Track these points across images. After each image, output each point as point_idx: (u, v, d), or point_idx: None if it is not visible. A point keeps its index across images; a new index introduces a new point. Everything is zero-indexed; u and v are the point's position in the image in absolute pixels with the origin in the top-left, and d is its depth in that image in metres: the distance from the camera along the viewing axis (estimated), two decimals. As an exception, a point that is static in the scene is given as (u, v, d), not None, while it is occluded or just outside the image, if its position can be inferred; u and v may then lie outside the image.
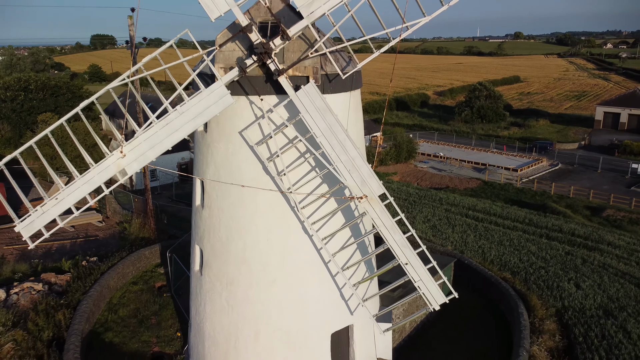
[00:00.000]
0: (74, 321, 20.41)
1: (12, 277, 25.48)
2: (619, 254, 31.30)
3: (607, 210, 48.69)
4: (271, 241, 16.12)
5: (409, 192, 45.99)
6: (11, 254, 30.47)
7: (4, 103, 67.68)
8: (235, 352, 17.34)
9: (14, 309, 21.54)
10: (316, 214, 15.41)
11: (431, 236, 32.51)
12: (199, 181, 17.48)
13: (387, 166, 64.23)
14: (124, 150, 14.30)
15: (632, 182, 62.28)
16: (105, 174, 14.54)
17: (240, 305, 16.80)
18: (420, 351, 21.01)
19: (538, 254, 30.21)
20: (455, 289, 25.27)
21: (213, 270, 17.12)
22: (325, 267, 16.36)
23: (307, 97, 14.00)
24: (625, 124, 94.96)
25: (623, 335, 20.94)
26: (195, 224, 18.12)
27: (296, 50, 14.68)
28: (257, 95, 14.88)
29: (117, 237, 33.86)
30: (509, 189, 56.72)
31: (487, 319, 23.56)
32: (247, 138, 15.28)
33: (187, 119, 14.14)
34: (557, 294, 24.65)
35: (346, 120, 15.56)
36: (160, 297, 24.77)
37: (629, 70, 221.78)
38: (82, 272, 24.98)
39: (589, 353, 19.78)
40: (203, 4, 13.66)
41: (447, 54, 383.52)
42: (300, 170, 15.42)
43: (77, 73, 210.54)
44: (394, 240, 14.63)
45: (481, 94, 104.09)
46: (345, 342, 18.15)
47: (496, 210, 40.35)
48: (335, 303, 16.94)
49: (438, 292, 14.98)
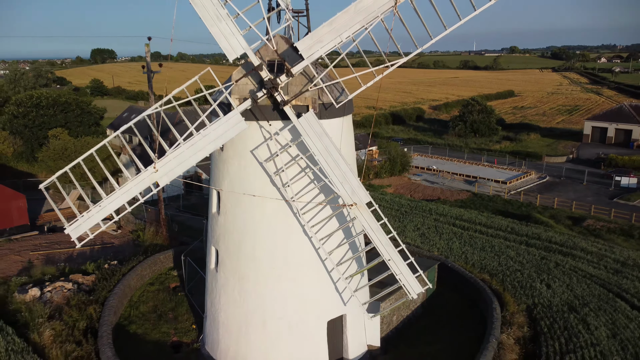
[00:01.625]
0: (103, 314, 23.42)
1: (42, 278, 28.46)
2: (589, 258, 34.35)
3: (588, 220, 51.77)
4: (276, 242, 19.23)
5: (401, 204, 49.07)
6: (37, 259, 33.46)
7: (16, 119, 70.86)
8: (245, 338, 20.35)
9: (48, 305, 24.53)
10: (315, 219, 18.55)
11: (419, 243, 35.57)
12: (215, 191, 20.59)
13: (382, 179, 67.40)
14: (157, 166, 17.40)
15: (615, 193, 65.38)
16: (140, 186, 17.61)
17: (250, 297, 19.85)
18: (407, 341, 23.98)
19: (516, 258, 33.27)
20: (439, 288, 28.66)
21: (227, 268, 20.19)
22: (322, 263, 19.44)
23: (307, 123, 17.20)
24: (612, 138, 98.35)
25: (582, 327, 23.96)
26: (212, 228, 21.18)
27: (298, 84, 17.90)
28: (265, 120, 18.06)
29: (132, 244, 36.87)
30: (497, 201, 59.82)
31: (467, 315, 26.52)
32: (257, 156, 18.44)
33: (209, 140, 17.29)
34: (529, 293, 27.68)
35: (339, 141, 18.73)
36: (175, 296, 27.74)
37: (621, 85, 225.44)
38: (106, 274, 28.02)
39: (551, 341, 22.80)
40: (223, 48, 16.91)
41: (444, 68, 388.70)
42: (301, 182, 18.57)
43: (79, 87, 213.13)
44: (379, 240, 17.75)
45: (474, 109, 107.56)
46: (339, 330, 21.17)
47: (481, 220, 43.43)
48: (331, 295, 20.01)
49: (416, 283, 18.04)
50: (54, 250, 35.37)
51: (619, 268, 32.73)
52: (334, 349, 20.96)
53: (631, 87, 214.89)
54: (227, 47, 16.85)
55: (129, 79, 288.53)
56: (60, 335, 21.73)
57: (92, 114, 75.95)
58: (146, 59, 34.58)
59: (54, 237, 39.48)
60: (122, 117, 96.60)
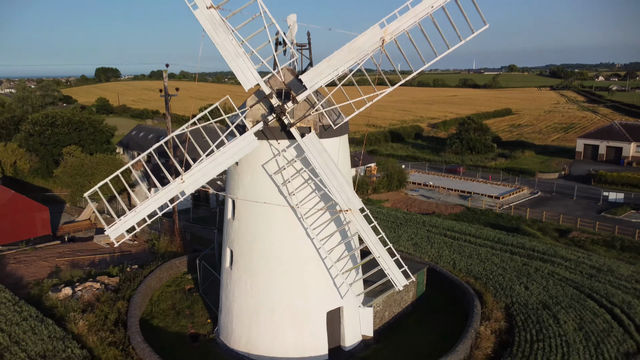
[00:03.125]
0: (130, 308, 26.65)
1: (71, 279, 31.70)
2: (567, 265, 37.45)
3: (573, 232, 54.87)
4: (283, 242, 22.55)
5: (396, 216, 52.33)
6: (63, 264, 36.70)
7: (32, 137, 74.61)
8: (256, 326, 23.56)
9: (80, 301, 27.75)
10: (316, 222, 21.89)
11: (412, 251, 38.78)
12: (230, 200, 23.96)
13: (380, 194, 70.73)
14: (184, 177, 20.79)
15: (603, 208, 68.55)
16: (169, 194, 20.98)
17: (260, 290, 23.11)
18: (397, 333, 27.08)
19: (499, 264, 36.46)
20: (428, 290, 31.86)
21: (240, 265, 23.48)
22: (322, 261, 22.72)
23: (310, 142, 20.63)
24: (603, 155, 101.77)
25: (553, 321, 27.10)
26: (227, 232, 24.50)
27: (302, 109, 21.39)
28: (275, 139, 21.51)
29: (148, 252, 40.12)
30: (489, 214, 62.99)
31: (452, 312, 29.65)
32: (267, 169, 21.85)
33: (227, 156, 20.72)
34: (508, 293, 30.85)
35: (336, 157, 22.14)
36: (190, 296, 30.93)
37: (617, 103, 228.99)
38: (129, 276, 31.29)
39: (523, 332, 25.93)
40: (240, 80, 20.43)
41: (443, 86, 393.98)
42: (304, 191, 21.94)
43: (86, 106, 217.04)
44: (370, 240, 21.07)
45: (470, 127, 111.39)
46: (337, 321, 24.37)
47: (471, 231, 46.61)
48: (330, 288, 23.26)
49: (401, 277, 21.32)
50: (78, 257, 38.63)
51: (594, 273, 35.83)
52: (332, 337, 24.14)
53: (627, 105, 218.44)
54: (244, 79, 20.37)
55: (133, 97, 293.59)
56: (94, 325, 24.94)
57: (104, 132, 79.66)
58: (164, 84, 38.13)
59: (75, 246, 42.76)
60: (131, 135, 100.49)
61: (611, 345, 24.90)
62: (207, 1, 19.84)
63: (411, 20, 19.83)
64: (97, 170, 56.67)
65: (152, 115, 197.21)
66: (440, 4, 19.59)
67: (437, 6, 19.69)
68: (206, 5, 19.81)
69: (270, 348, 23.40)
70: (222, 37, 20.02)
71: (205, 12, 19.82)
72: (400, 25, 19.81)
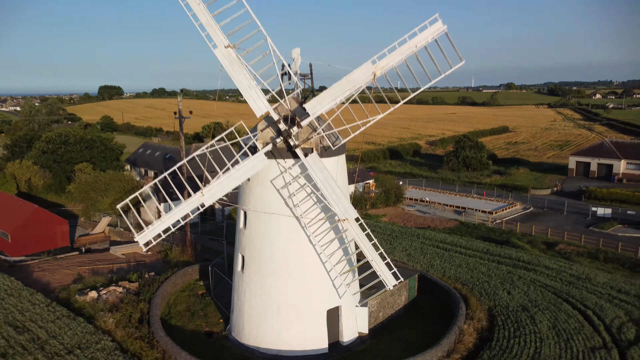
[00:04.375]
0: (151, 309, 29.84)
1: (95, 285, 34.85)
2: (549, 273, 40.56)
3: (560, 245, 57.98)
4: (289, 248, 25.82)
5: (393, 230, 55.54)
6: (84, 272, 39.86)
7: (45, 154, 78.17)
8: (264, 323, 26.72)
9: (106, 303, 30.92)
10: (317, 231, 25.18)
11: (406, 260, 41.96)
12: (242, 211, 27.28)
13: (378, 209, 74.01)
14: (204, 192, 24.13)
15: (591, 222, 71.68)
16: (191, 206, 24.30)
17: (268, 291, 26.32)
18: (390, 331, 30.17)
19: (486, 272, 39.62)
20: (419, 295, 35.02)
21: (251, 269, 26.73)
22: (323, 264, 25.96)
23: (312, 161, 24.02)
24: (595, 172, 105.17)
25: (530, 321, 30.22)
26: (238, 239, 27.78)
27: (305, 132, 24.82)
28: (282, 158, 24.90)
29: (161, 261, 43.31)
30: (482, 228, 66.16)
31: (440, 314, 32.73)
32: (275, 184, 25.22)
33: (241, 173, 24.11)
34: (492, 297, 34.00)
35: (335, 173, 25.52)
36: (203, 299, 34.08)
37: (612, 121, 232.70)
38: (147, 282, 34.49)
39: (503, 330, 29.04)
40: (252, 107, 23.88)
41: (442, 104, 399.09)
42: (307, 203, 25.28)
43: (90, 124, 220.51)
44: (364, 245, 24.35)
45: (466, 145, 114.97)
46: (336, 319, 27.51)
47: (462, 243, 49.79)
48: (329, 289, 26.47)
49: (392, 277, 24.57)
50: (97, 265, 41.81)
51: (573, 281, 38.94)
52: (332, 333, 27.28)
53: (622, 123, 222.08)
54: (255, 107, 23.84)
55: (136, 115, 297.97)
56: (120, 322, 28.11)
57: (114, 149, 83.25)
58: (178, 107, 41.64)
59: (93, 256, 45.96)
60: (138, 153, 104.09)
61: (580, 341, 28.02)
62: (225, 41, 23.39)
63: (398, 58, 23.37)
64: (110, 187, 60.05)
65: (156, 133, 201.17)
66: (423, 44, 23.14)
67: (420, 46, 23.24)
68: (224, 44, 23.35)
69: (276, 342, 26.55)
70: (237, 71, 23.55)
71: (224, 50, 23.37)
72: (389, 62, 23.34)
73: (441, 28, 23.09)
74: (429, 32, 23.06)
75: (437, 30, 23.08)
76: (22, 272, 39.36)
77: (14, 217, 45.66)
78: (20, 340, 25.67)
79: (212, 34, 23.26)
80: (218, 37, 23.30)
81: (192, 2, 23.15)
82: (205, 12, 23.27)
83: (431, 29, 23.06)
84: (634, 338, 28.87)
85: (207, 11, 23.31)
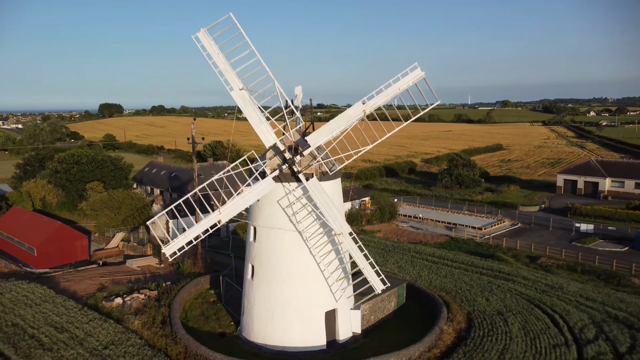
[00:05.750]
0: (171, 312, 34.13)
1: (118, 293, 39.10)
2: (526, 283, 44.90)
3: (542, 258, 62.30)
4: (292, 258, 30.22)
5: (386, 244, 59.94)
6: (106, 282, 44.09)
7: (58, 173, 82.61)
8: (271, 323, 31.00)
9: (131, 307, 35.18)
10: (317, 243, 29.62)
11: (396, 271, 46.30)
12: (252, 226, 31.72)
13: (373, 225, 78.46)
14: (221, 210, 28.57)
15: (574, 238, 76.07)
16: (210, 222, 28.71)
17: (275, 295, 30.65)
18: (380, 332, 34.44)
19: (468, 282, 43.95)
20: (407, 302, 39.24)
21: (260, 276, 31.09)
22: (322, 272, 30.35)
23: (312, 184, 28.55)
24: (582, 190, 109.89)
25: (503, 323, 34.52)
26: (249, 251, 32.18)
27: (307, 160, 29.39)
28: (287, 182, 29.43)
29: (174, 273, 47.56)
30: (470, 243, 70.50)
31: (426, 318, 36.93)
32: (280, 204, 29.71)
33: (253, 195, 28.60)
34: (472, 303, 38.30)
35: (332, 195, 30.03)
36: (215, 306, 38.32)
37: (604, 139, 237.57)
38: (165, 290, 38.76)
39: (478, 330, 33.33)
40: (262, 139, 28.46)
41: (438, 121, 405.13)
42: (308, 220, 29.74)
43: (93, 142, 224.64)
44: (356, 256, 28.78)
45: (459, 163, 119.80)
46: (333, 319, 31.79)
47: (449, 256, 54.15)
48: (327, 293, 30.81)
49: (379, 283, 28.96)
50: (116, 277, 46.04)
51: (547, 289, 43.28)
52: (329, 332, 31.55)
53: (613, 141, 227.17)
54: (265, 139, 28.45)
55: (136, 133, 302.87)
56: (146, 324, 32.39)
57: (123, 169, 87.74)
58: (192, 133, 46.24)
59: (111, 268, 50.18)
60: (144, 171, 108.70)
61: (544, 339, 32.32)
62: (239, 85, 28.06)
63: (384, 98, 28.04)
64: (123, 204, 64.41)
65: (157, 151, 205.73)
66: (405, 87, 27.82)
67: (403, 88, 27.92)
68: (239, 88, 28.02)
69: (282, 340, 30.81)
70: (250, 109, 28.19)
71: (239, 92, 28.03)
72: (376, 102, 28.00)
73: (420, 74, 27.80)
74: (409, 78, 27.75)
75: (417, 76, 27.78)
76: (50, 282, 43.53)
77: (39, 233, 50.00)
78: (62, 338, 29.92)
79: (229, 79, 27.95)
80: (234, 81, 27.98)
81: (213, 53, 27.87)
82: (224, 60, 27.99)
83: (412, 75, 27.75)
84: (593, 337, 33.17)
85: (225, 59, 28.04)
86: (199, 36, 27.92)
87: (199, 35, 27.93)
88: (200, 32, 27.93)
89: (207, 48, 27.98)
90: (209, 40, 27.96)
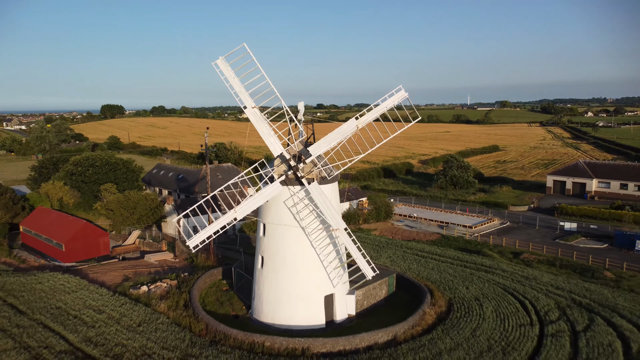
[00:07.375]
0: (191, 298, 39.50)
1: (143, 282, 44.44)
2: (504, 275, 50.20)
3: (525, 254, 67.56)
4: (296, 250, 35.57)
5: (381, 241, 65.31)
6: (129, 274, 49.41)
7: (73, 175, 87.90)
8: (278, 306, 36.35)
9: (156, 294, 40.54)
10: (317, 237, 34.98)
11: (389, 264, 51.63)
12: (262, 223, 37.04)
13: (369, 224, 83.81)
14: (236, 209, 33.89)
15: (558, 236, 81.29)
16: (227, 219, 34.03)
17: (282, 282, 35.99)
18: (372, 315, 39.75)
19: (452, 273, 49.28)
20: (397, 290, 44.54)
21: (268, 266, 36.44)
22: (321, 262, 35.69)
23: (314, 187, 33.89)
24: (570, 190, 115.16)
25: (479, 307, 39.85)
26: (259, 244, 37.53)
27: (309, 167, 34.74)
28: (292, 185, 34.76)
29: (189, 266, 52.90)
30: (460, 240, 75.75)
31: (412, 303, 42.22)
32: (286, 204, 35.06)
33: (263, 196, 33.94)
34: (453, 291, 43.62)
35: (330, 196, 35.35)
36: (228, 293, 43.66)
37: (599, 140, 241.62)
38: (183, 279, 44.12)
39: (456, 313, 38.64)
40: (271, 150, 33.81)
41: (437, 122, 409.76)
42: (309, 217, 35.09)
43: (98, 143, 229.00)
44: (350, 248, 34.12)
45: (453, 165, 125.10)
46: (331, 303, 37.12)
47: (438, 252, 59.49)
48: (326, 280, 36.16)
49: (370, 270, 34.30)
50: (138, 269, 51.39)
51: (522, 280, 48.59)
52: (328, 313, 36.89)
53: (608, 142, 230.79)
54: (273, 150, 33.80)
55: (138, 134, 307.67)
56: (171, 307, 37.75)
57: (135, 171, 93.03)
58: (205, 141, 51.55)
59: (130, 262, 55.50)
60: (152, 173, 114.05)
61: (513, 320, 37.64)
62: (252, 104, 33.41)
63: (374, 115, 33.38)
64: (138, 204, 69.74)
65: (161, 153, 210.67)
66: (392, 106, 33.17)
67: (390, 107, 33.26)
68: (251, 106, 33.37)
69: (287, 319, 36.15)
70: (261, 124, 33.53)
71: (251, 110, 33.37)
72: (367, 118, 33.35)
73: (404, 95, 33.18)
74: (395, 98, 33.12)
75: (401, 97, 33.15)
76: (79, 274, 48.88)
77: (67, 230, 55.32)
78: (101, 318, 35.28)
79: (243, 99, 33.31)
80: (247, 101, 33.33)
81: (229, 77, 33.23)
82: (239, 84, 33.36)
83: (397, 96, 33.13)
84: (556, 319, 38.48)
85: (239, 83, 33.40)
86: (218, 63, 33.27)
87: (217, 62, 33.28)
88: (219, 60, 33.28)
89: (224, 73, 33.32)
90: (226, 67, 33.30)
